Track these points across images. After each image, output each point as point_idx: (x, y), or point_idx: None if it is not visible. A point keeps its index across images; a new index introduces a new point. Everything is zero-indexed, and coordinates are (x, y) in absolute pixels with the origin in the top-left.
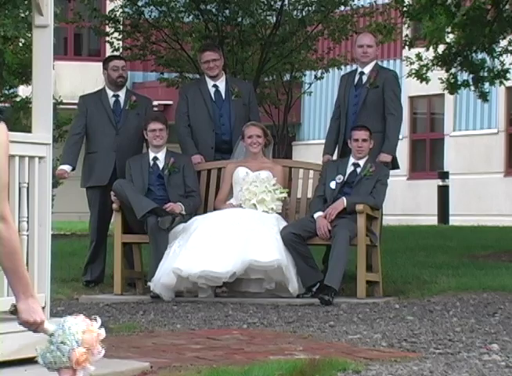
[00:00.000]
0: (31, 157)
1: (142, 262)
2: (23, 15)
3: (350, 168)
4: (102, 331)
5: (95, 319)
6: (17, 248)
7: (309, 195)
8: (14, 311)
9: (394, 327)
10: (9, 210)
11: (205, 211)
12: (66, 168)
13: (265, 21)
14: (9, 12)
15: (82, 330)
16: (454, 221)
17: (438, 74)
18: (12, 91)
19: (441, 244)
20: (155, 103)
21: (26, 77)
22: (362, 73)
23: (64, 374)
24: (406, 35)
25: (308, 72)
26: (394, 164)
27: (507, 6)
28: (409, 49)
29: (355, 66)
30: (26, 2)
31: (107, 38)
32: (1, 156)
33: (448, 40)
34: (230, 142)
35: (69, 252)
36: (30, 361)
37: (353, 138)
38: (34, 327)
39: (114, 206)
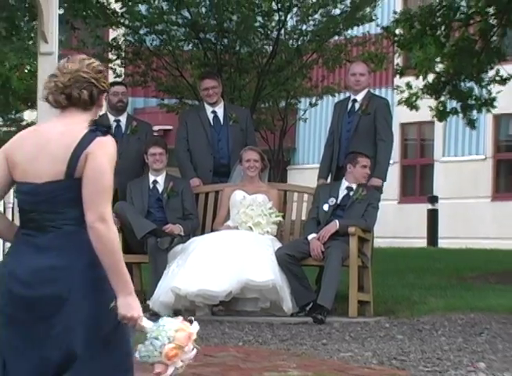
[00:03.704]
0: None
1: (141, 280)
2: (25, 45)
3: (343, 192)
4: (195, 332)
5: (191, 321)
6: (116, 247)
7: (303, 217)
8: (114, 307)
9: (385, 345)
10: (110, 212)
11: (203, 233)
12: None
13: (262, 50)
14: (13, 45)
15: (175, 329)
16: (443, 243)
17: (428, 102)
18: (18, 115)
19: (430, 266)
20: (155, 127)
21: (31, 103)
22: (354, 100)
23: (157, 368)
24: (397, 64)
25: (302, 99)
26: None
27: (495, 37)
28: (400, 78)
29: (348, 94)
30: (32, 34)
31: (110, 65)
32: (106, 163)
33: (437, 69)
34: (228, 165)
35: None
36: None
37: (361, 164)
38: (132, 322)
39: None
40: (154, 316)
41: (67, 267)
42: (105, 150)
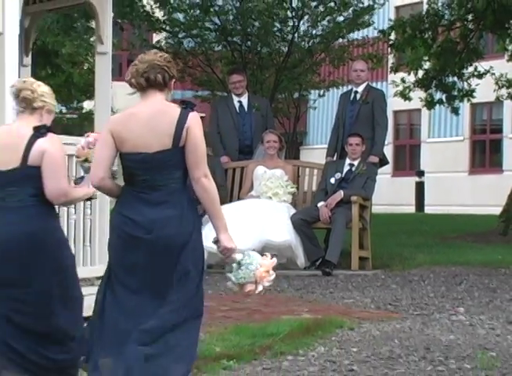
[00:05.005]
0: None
1: None
2: (81, 37)
3: (346, 168)
4: (275, 260)
5: (266, 255)
6: (217, 197)
7: (314, 188)
8: (217, 241)
9: (381, 293)
10: (208, 170)
11: (231, 201)
12: None
13: (279, 50)
14: (71, 37)
15: (261, 257)
16: (428, 210)
17: (418, 94)
18: (78, 104)
19: (418, 229)
20: None
21: (90, 94)
22: (356, 92)
23: (248, 287)
24: (393, 63)
25: (312, 91)
26: (384, 161)
27: (473, 40)
28: (395, 74)
29: (350, 87)
30: (85, 30)
31: None
32: (201, 133)
33: (426, 67)
34: (251, 146)
35: None
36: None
37: (348, 143)
38: (230, 252)
39: None
40: None
41: (177, 215)
42: (199, 123)
